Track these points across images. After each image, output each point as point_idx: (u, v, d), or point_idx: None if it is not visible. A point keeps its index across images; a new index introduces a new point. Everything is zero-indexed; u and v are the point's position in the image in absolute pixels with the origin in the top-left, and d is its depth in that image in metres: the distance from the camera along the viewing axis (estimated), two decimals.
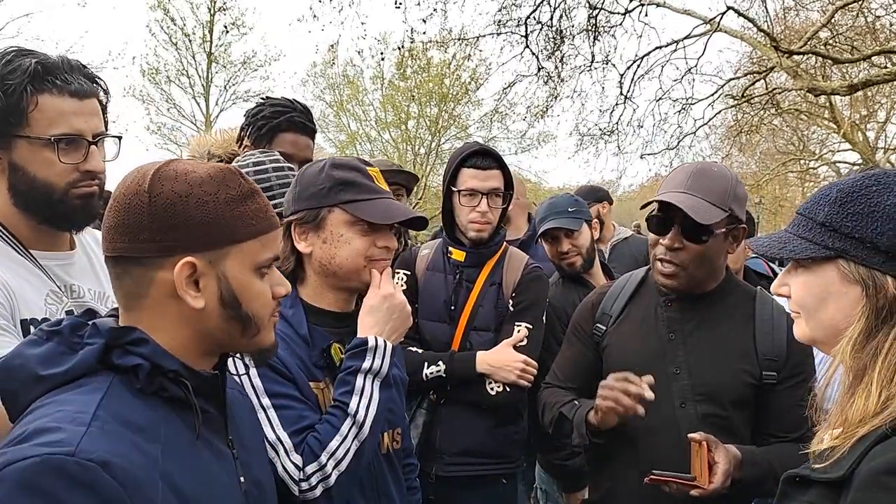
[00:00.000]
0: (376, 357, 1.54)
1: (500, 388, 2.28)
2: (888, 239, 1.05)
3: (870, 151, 18.55)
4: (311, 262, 1.63)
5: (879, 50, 10.45)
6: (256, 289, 1.08)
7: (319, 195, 1.58)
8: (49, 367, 0.96)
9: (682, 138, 14.64)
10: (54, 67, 1.44)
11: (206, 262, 1.02)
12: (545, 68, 12.28)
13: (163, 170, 1.04)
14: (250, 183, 1.10)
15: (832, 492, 0.99)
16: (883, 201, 1.07)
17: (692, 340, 1.88)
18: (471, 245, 2.42)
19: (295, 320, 1.60)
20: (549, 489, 3.06)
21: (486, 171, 2.36)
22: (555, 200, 2.97)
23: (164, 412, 1.00)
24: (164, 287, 1.02)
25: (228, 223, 1.04)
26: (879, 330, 1.05)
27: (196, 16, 21.02)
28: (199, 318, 1.04)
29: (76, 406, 0.92)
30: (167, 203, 1.00)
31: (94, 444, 0.87)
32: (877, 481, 0.93)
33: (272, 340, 1.15)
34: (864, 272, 1.07)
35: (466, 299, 2.40)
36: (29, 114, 1.40)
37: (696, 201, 1.76)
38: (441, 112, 23.40)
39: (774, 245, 1.19)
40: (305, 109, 2.46)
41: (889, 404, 0.98)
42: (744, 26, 11.95)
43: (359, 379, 1.52)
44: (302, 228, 1.61)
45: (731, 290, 1.94)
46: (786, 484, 1.09)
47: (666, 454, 1.80)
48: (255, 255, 1.07)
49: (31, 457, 0.84)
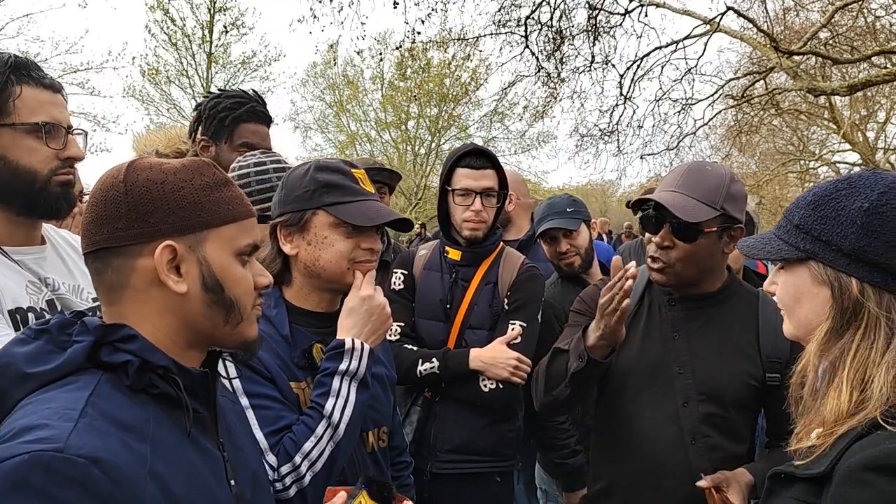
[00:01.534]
0: (353, 359, 1.55)
1: (493, 385, 2.30)
2: (850, 242, 1.07)
3: (870, 152, 18.55)
4: (296, 263, 1.65)
5: (879, 50, 10.46)
6: (238, 274, 1.08)
7: (303, 198, 1.60)
8: (36, 366, 0.96)
9: (682, 139, 14.64)
10: (27, 64, 1.48)
11: (185, 247, 1.03)
12: (545, 68, 12.30)
13: (136, 162, 1.05)
14: (223, 173, 1.11)
15: (815, 487, 1.00)
16: (849, 205, 1.09)
17: (696, 340, 1.89)
18: (466, 244, 2.44)
19: (278, 320, 1.62)
20: (548, 488, 3.07)
21: (480, 171, 2.38)
22: (553, 200, 2.97)
23: (153, 410, 0.99)
24: (146, 275, 1.02)
25: (205, 207, 1.05)
26: (846, 330, 1.07)
27: (196, 16, 21.08)
28: (182, 305, 1.04)
29: (63, 403, 0.91)
30: (143, 190, 1.01)
31: (82, 440, 0.86)
32: (856, 477, 0.94)
33: (256, 334, 1.15)
34: (831, 274, 1.09)
35: (462, 298, 2.42)
36: (13, 102, 1.43)
37: (683, 199, 1.77)
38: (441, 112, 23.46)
39: (756, 245, 1.22)
40: (262, 99, 2.49)
41: (865, 406, 1.00)
42: (744, 27, 11.95)
43: (335, 381, 1.53)
44: (287, 231, 1.63)
45: (735, 291, 1.95)
46: (772, 480, 1.11)
47: (667, 453, 1.82)
48: (234, 240, 1.08)
49: (19, 454, 0.82)
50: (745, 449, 1.89)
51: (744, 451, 1.88)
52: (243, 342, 1.14)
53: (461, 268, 2.44)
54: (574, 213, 2.86)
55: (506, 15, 11.65)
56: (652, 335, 1.94)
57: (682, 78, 12.95)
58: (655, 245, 1.85)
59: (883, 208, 1.06)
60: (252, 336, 1.14)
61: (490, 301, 2.41)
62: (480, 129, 23.63)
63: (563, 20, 11.39)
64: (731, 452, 1.83)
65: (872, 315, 1.05)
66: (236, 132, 2.39)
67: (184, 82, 21.74)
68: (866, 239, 1.06)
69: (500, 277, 2.44)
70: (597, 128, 14.68)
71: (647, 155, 15.10)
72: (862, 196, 1.08)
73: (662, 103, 13.79)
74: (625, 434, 1.89)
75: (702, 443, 1.82)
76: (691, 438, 1.82)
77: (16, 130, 1.44)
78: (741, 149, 19.75)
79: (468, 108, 23.63)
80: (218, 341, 1.12)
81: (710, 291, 1.92)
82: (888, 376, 1.00)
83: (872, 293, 1.06)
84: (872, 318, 1.05)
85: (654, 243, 1.86)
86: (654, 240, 1.85)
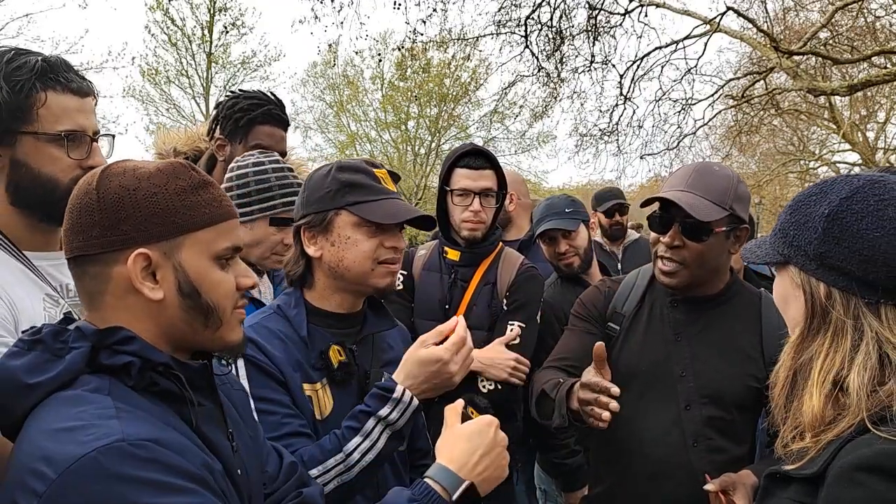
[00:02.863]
0: (397, 409, 1.49)
1: (491, 386, 2.29)
2: (814, 248, 1.08)
3: (870, 152, 18.55)
4: (320, 265, 1.63)
5: (879, 50, 10.47)
6: (216, 278, 1.07)
7: (326, 198, 1.59)
8: (37, 376, 0.96)
9: (682, 139, 14.63)
10: (56, 66, 1.46)
11: (160, 253, 1.03)
12: (545, 68, 12.30)
13: (111, 168, 1.05)
14: (202, 175, 1.10)
15: (810, 488, 1.01)
16: (814, 211, 1.10)
17: (698, 343, 1.89)
18: (465, 245, 2.43)
19: (297, 321, 1.61)
20: (548, 489, 3.07)
21: (479, 171, 2.37)
22: (552, 201, 2.97)
23: (162, 407, 1.01)
24: (122, 283, 1.02)
25: (179, 213, 1.04)
26: (817, 334, 1.08)
27: (196, 16, 21.09)
28: (160, 311, 1.04)
29: (91, 404, 0.93)
30: (115, 198, 1.01)
31: (133, 428, 0.90)
32: (848, 477, 0.95)
33: (239, 337, 1.14)
34: (804, 278, 1.10)
35: (461, 298, 2.41)
36: (37, 110, 1.42)
37: (695, 199, 1.76)
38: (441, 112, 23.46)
39: (748, 248, 1.25)
40: (280, 102, 2.49)
41: (847, 410, 1.01)
42: (743, 27, 11.95)
43: (370, 423, 1.48)
44: (311, 233, 1.61)
45: (737, 292, 1.94)
46: (768, 480, 1.11)
47: (669, 455, 1.81)
48: (211, 244, 1.07)
49: (85, 454, 0.85)
50: (746, 450, 1.89)
51: (745, 453, 1.88)
52: (225, 345, 1.13)
53: (460, 268, 2.44)
54: (573, 214, 2.85)
55: (506, 15, 11.66)
56: (653, 337, 1.93)
57: (682, 78, 12.98)
58: (665, 245, 1.84)
59: (843, 214, 1.06)
60: (234, 339, 1.13)
61: (489, 301, 2.41)
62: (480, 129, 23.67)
63: (563, 20, 11.41)
64: (732, 454, 1.82)
65: (840, 320, 1.05)
66: (251, 133, 2.39)
67: (183, 82, 21.78)
68: (827, 245, 1.06)
69: (499, 278, 2.43)
70: (597, 128, 14.71)
71: (646, 155, 15.11)
72: (826, 202, 1.08)
73: (662, 103, 13.81)
74: (626, 436, 1.88)
75: (703, 445, 1.81)
76: (693, 441, 1.82)
77: (38, 139, 1.43)
78: (741, 149, 19.75)
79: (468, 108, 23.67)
80: (199, 345, 1.11)
81: (712, 293, 1.91)
82: (862, 379, 1.00)
83: (840, 298, 1.06)
84: (840, 323, 1.06)
85: (663, 243, 1.85)
86: (664, 240, 1.84)
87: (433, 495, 1.16)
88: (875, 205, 1.04)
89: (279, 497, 1.29)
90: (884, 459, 0.93)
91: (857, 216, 1.05)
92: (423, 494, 1.16)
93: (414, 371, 1.52)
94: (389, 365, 1.72)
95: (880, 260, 1.02)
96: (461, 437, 1.25)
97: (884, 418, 0.98)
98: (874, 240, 1.03)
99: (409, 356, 1.54)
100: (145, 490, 0.85)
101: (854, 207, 1.05)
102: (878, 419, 0.98)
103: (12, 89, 1.39)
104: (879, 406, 0.99)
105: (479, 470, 1.22)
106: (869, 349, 1.02)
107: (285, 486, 1.31)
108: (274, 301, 1.72)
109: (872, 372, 1.01)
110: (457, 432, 1.27)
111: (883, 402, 0.99)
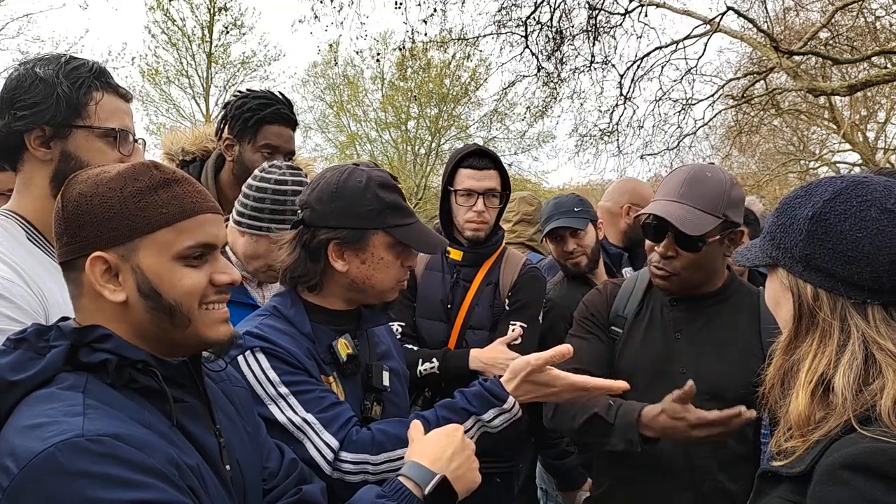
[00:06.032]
0: (501, 416, 1.52)
1: None
2: (800, 250, 1.08)
3: (870, 152, 18.56)
4: (340, 278, 1.62)
5: (879, 50, 10.46)
6: (176, 277, 1.07)
7: (367, 217, 1.57)
8: (19, 373, 0.99)
9: (682, 139, 14.62)
10: (106, 71, 1.56)
11: (118, 256, 1.05)
12: (545, 68, 12.29)
13: (77, 176, 1.09)
14: (168, 173, 1.10)
15: (800, 486, 1.01)
16: (799, 213, 1.10)
17: (698, 340, 1.90)
18: (468, 245, 2.44)
19: (297, 319, 1.61)
20: (548, 488, 3.08)
21: (483, 172, 2.38)
22: (560, 200, 2.97)
23: (140, 404, 1.03)
24: (90, 287, 1.06)
25: (134, 215, 1.05)
26: (805, 336, 1.09)
27: (196, 16, 21.08)
28: (126, 313, 1.07)
29: (62, 402, 0.96)
30: (75, 205, 1.05)
31: (96, 424, 0.92)
32: (834, 475, 0.95)
33: (219, 334, 1.13)
34: (791, 280, 1.11)
35: (463, 298, 2.42)
36: (93, 105, 1.50)
37: (686, 211, 1.77)
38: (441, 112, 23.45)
39: (741, 252, 1.25)
40: (288, 102, 2.49)
41: (833, 411, 1.02)
42: (744, 27, 11.95)
43: (469, 422, 1.49)
44: (342, 248, 1.59)
45: (735, 290, 1.95)
46: (760, 479, 1.12)
47: (670, 453, 1.82)
48: (171, 244, 1.07)
49: (43, 449, 0.87)
50: (749, 448, 1.89)
51: (746, 450, 1.88)
52: (204, 343, 1.13)
53: (462, 268, 2.45)
54: (581, 213, 2.85)
55: (506, 15, 11.65)
56: (654, 336, 1.94)
57: (682, 78, 12.97)
58: (659, 255, 1.86)
59: (826, 216, 1.06)
60: (212, 336, 1.12)
61: (491, 301, 2.42)
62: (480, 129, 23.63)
63: (563, 20, 11.39)
64: (734, 452, 1.83)
65: (827, 321, 1.06)
66: (260, 133, 2.39)
67: (183, 82, 21.77)
68: (812, 246, 1.07)
69: (502, 278, 2.44)
70: (597, 128, 14.70)
71: (647, 155, 15.11)
72: (810, 203, 1.09)
73: (662, 103, 13.81)
74: None
75: None
76: None
77: (92, 133, 1.50)
78: (741, 149, 19.76)
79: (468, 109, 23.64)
80: (176, 343, 1.11)
81: (711, 291, 1.93)
82: (847, 379, 1.01)
83: (827, 299, 1.06)
84: (827, 324, 1.06)
85: (657, 253, 1.87)
86: (658, 249, 1.86)
87: (403, 491, 1.17)
88: (858, 206, 1.05)
89: (279, 493, 1.29)
90: (868, 458, 0.93)
91: (840, 217, 1.05)
92: (394, 491, 1.17)
93: (528, 388, 1.54)
94: (384, 358, 1.75)
95: (864, 260, 1.03)
96: (429, 440, 1.29)
97: (869, 418, 0.98)
98: (857, 240, 1.03)
99: (520, 370, 1.53)
100: (99, 484, 0.87)
101: (837, 209, 1.06)
102: (864, 419, 0.99)
103: (73, 85, 1.47)
104: (865, 406, 0.99)
105: (453, 466, 1.23)
106: (855, 349, 1.02)
107: (285, 482, 1.31)
108: (268, 303, 1.72)
109: (858, 372, 1.01)
110: (425, 438, 1.31)
111: (868, 403, 0.99)
